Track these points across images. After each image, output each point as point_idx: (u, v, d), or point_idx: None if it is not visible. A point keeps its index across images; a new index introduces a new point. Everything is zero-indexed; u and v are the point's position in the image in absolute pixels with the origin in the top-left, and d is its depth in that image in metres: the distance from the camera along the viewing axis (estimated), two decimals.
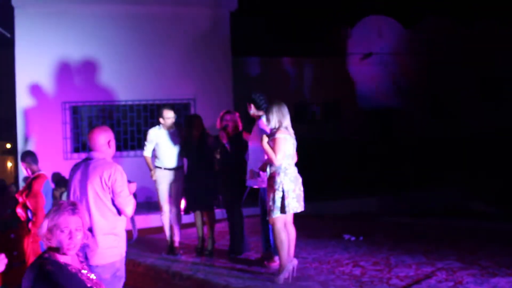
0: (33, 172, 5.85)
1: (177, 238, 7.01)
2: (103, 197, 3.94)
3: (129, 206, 3.99)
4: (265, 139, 5.28)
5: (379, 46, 17.36)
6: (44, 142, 11.06)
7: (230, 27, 12.68)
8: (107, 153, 4.08)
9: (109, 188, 3.93)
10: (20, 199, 5.76)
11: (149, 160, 7.03)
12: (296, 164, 5.51)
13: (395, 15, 17.99)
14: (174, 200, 6.94)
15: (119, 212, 4.01)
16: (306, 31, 19.04)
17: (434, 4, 18.82)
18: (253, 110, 6.22)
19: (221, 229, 7.96)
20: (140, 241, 7.93)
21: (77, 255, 2.95)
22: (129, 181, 4.07)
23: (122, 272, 4.12)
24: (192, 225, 7.45)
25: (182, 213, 7.04)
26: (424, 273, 5.52)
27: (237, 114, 6.78)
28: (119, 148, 11.81)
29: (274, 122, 5.35)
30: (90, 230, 3.66)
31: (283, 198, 5.18)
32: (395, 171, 13.15)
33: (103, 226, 3.93)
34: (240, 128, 6.72)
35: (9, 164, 19.37)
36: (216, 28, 12.51)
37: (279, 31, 18.99)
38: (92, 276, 2.95)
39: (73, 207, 2.84)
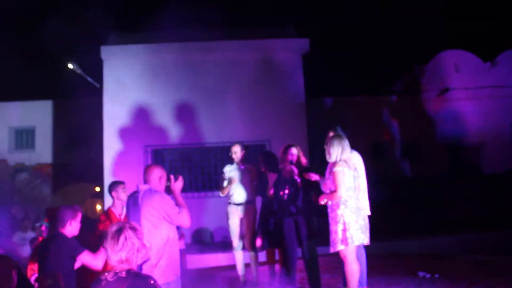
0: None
1: (253, 274, 7.00)
2: (156, 223, 4.31)
3: (185, 220, 4.40)
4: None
5: (455, 81, 16.96)
6: (127, 184, 11.65)
7: (303, 70, 12.98)
8: (157, 187, 4.48)
9: (160, 213, 4.31)
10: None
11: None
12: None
13: (473, 49, 17.59)
14: (246, 236, 6.97)
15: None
16: (380, 69, 19.03)
17: None
18: None
19: None
20: (213, 278, 8.13)
21: None
22: (174, 177, 4.55)
23: None
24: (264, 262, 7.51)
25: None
26: None
27: (299, 147, 6.45)
28: (197, 189, 12.28)
29: (335, 156, 5.42)
30: None
31: (344, 230, 5.22)
32: (478, 208, 12.57)
33: (156, 249, 4.24)
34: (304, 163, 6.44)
35: (98, 207, 20.40)
36: (289, 72, 12.83)
37: (352, 70, 19.10)
38: None
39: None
